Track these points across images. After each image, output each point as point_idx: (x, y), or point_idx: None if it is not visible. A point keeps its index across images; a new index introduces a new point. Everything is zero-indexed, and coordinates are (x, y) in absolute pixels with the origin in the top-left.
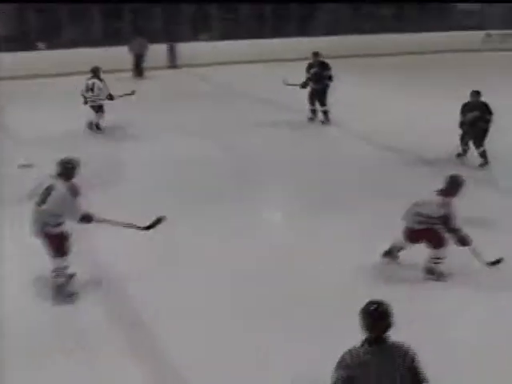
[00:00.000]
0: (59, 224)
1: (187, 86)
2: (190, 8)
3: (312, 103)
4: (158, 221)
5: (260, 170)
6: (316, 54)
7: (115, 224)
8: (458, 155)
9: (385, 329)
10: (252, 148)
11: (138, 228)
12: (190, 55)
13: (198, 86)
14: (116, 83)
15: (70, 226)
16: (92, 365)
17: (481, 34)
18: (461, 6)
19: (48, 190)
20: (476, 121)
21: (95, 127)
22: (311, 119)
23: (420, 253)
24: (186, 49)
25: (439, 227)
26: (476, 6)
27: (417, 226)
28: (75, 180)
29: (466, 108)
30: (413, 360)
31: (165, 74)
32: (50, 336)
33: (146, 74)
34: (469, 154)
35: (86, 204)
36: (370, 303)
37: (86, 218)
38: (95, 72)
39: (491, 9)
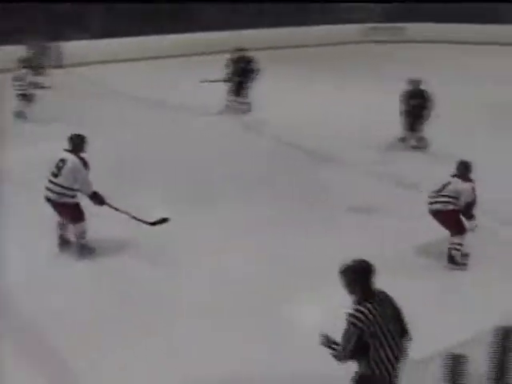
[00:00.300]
0: (74, 195)
1: (70, 84)
2: (71, 6)
3: (236, 95)
4: (163, 220)
5: (146, 167)
6: (240, 49)
7: (124, 213)
8: (401, 140)
9: (373, 281)
10: (134, 145)
11: (145, 222)
12: (73, 54)
13: (79, 84)
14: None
15: None
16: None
17: (364, 27)
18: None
19: (62, 163)
20: (417, 107)
21: (22, 114)
22: (229, 107)
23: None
24: (68, 48)
25: (461, 209)
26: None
27: (445, 208)
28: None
29: (407, 95)
30: (396, 304)
31: (51, 74)
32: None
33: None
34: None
35: None
36: (355, 263)
37: (99, 198)
38: (25, 62)
39: (374, 4)
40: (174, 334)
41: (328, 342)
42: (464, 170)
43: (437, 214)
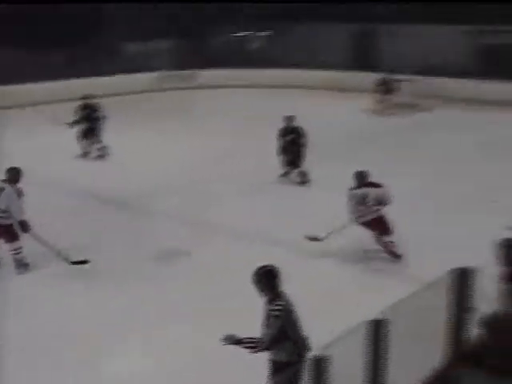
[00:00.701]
0: (9, 217)
1: None
2: None
3: (86, 142)
4: (83, 262)
5: None
6: (87, 97)
7: (46, 245)
8: (283, 175)
9: (280, 283)
10: None
11: (64, 259)
12: None
13: None
14: None
15: None
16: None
17: (152, 75)
18: (131, 47)
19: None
20: (293, 143)
21: None
22: (85, 154)
23: None
24: None
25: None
26: (144, 47)
27: (375, 215)
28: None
29: (282, 132)
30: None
31: None
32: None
33: None
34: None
35: None
36: (264, 267)
37: (26, 225)
38: None
39: (159, 50)
40: None
41: (235, 340)
42: (362, 179)
43: (371, 223)
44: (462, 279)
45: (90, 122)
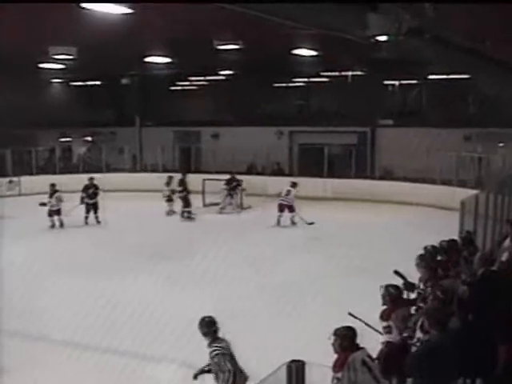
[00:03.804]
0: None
1: None
2: None
3: None
4: (312, 223)
5: None
6: None
7: (298, 215)
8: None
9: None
10: None
11: (304, 221)
12: None
13: None
14: None
15: None
16: None
17: None
18: None
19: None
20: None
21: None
22: None
23: None
24: None
25: None
26: None
27: None
28: None
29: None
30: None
31: None
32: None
33: None
34: None
35: None
36: (205, 317)
37: (293, 207)
38: None
39: None
40: None
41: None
42: None
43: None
44: (297, 373)
45: None
